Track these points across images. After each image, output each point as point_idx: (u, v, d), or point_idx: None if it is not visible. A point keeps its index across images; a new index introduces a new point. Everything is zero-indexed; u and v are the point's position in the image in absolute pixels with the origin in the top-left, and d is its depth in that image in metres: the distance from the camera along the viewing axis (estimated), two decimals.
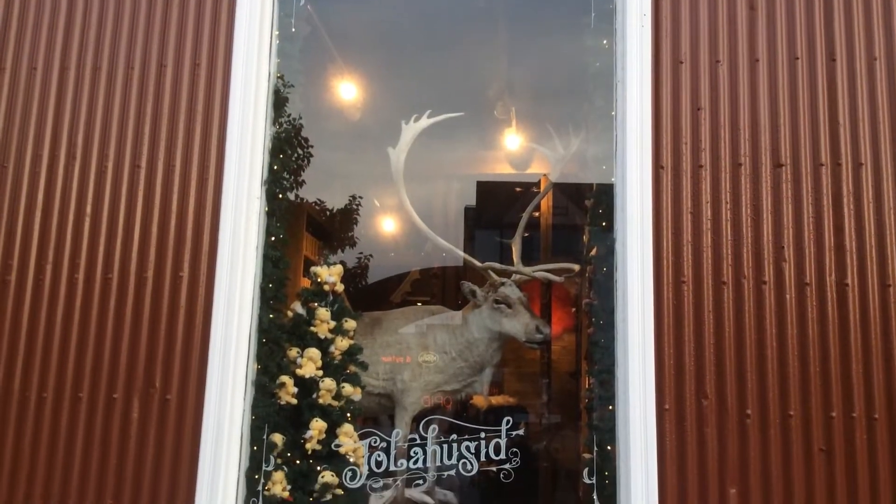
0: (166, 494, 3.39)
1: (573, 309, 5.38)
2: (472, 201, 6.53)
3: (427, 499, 4.00)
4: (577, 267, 4.12)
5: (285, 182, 3.83)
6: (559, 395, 5.62)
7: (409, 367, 4.21)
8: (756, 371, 3.30)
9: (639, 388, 3.31)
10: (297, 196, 4.43)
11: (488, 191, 6.50)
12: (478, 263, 4.19)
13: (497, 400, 4.94)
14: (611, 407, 3.44)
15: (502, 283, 4.12)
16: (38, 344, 3.54)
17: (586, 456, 3.52)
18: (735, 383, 3.29)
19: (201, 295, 3.53)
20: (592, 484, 3.43)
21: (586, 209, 3.88)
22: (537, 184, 5.08)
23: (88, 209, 3.63)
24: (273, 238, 3.71)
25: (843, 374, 3.26)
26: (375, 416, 4.24)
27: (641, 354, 3.33)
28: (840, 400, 3.24)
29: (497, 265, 4.18)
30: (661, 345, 3.34)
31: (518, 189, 5.65)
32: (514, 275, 4.17)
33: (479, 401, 4.77)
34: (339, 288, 3.93)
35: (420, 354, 4.22)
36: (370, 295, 5.97)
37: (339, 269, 3.94)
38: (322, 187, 5.53)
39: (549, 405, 5.53)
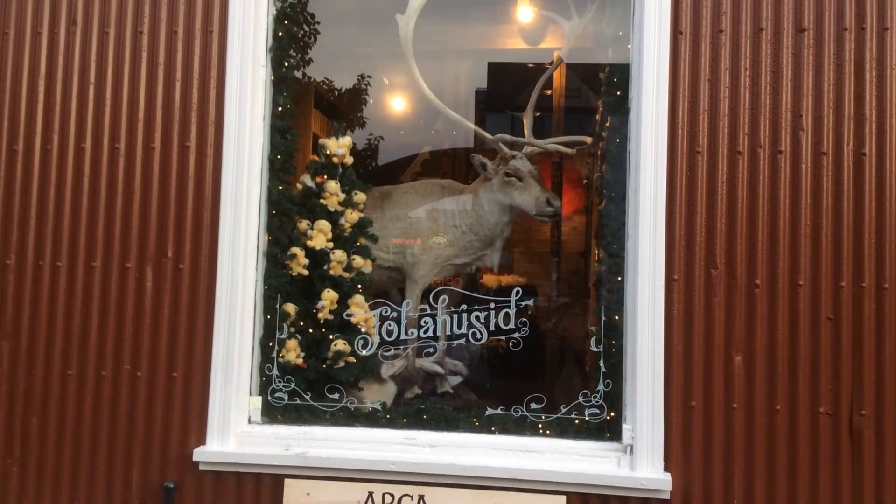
0: (183, 360, 3.48)
1: (584, 186, 5.34)
2: (483, 84, 6.37)
3: (437, 368, 4.09)
4: (589, 139, 4.05)
5: (292, 59, 3.75)
6: (568, 275, 5.65)
7: (420, 241, 4.21)
8: (767, 241, 3.28)
9: (648, 258, 3.32)
10: (304, 75, 4.34)
11: (500, 72, 6.33)
12: (489, 136, 4.11)
13: (507, 279, 4.96)
14: (620, 277, 3.45)
15: (513, 156, 4.05)
16: (49, 212, 3.56)
17: (593, 329, 3.56)
18: (745, 254, 3.29)
19: (209, 165, 3.51)
20: (599, 352, 3.48)
21: (601, 81, 3.78)
22: (550, 62, 4.93)
23: (92, 77, 3.57)
24: (280, 108, 3.65)
25: (856, 243, 3.24)
26: (386, 290, 4.27)
27: (652, 225, 3.32)
28: (850, 269, 3.24)
29: (508, 137, 4.09)
30: (673, 216, 3.32)
31: (530, 66, 5.49)
32: (525, 147, 4.11)
33: (490, 279, 4.80)
34: (348, 160, 3.89)
35: (430, 228, 4.21)
36: (380, 176, 5.91)
37: (347, 140, 3.89)
38: (330, 67, 5.40)
39: (559, 284, 5.57)
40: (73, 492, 3.50)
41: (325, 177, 3.85)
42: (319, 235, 3.76)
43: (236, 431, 3.48)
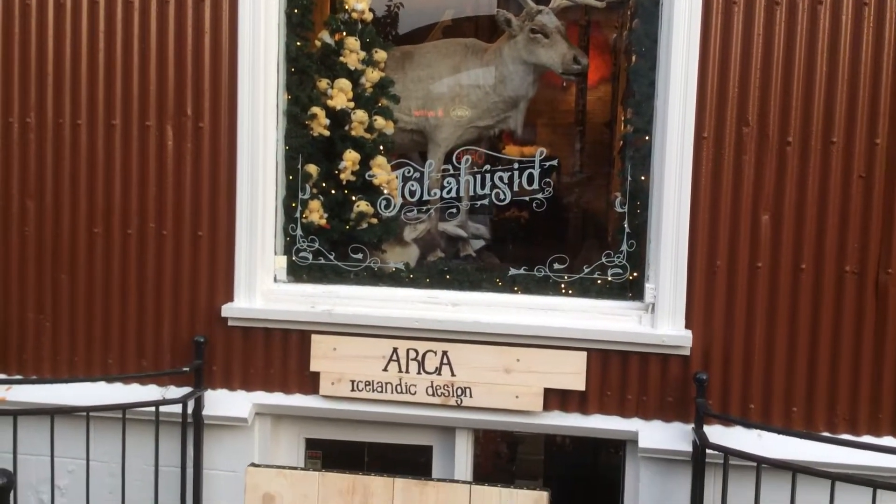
0: (208, 220, 3.50)
1: (611, 53, 5.17)
2: None
3: (460, 231, 4.08)
4: None
5: None
6: (592, 146, 5.56)
7: (442, 102, 4.11)
8: (802, 98, 3.18)
9: (678, 115, 3.23)
10: None
11: None
12: None
13: (530, 150, 4.88)
14: (647, 137, 3.37)
15: (539, 11, 3.88)
16: (66, 70, 3.51)
17: (617, 193, 3.51)
18: (779, 111, 3.19)
19: (225, 19, 3.42)
20: (623, 213, 3.44)
21: None
22: None
23: None
24: None
25: (894, 99, 3.13)
26: (407, 153, 4.21)
27: (683, 81, 3.22)
28: (886, 127, 3.14)
29: None
30: (705, 70, 3.21)
31: None
32: (552, 2, 3.93)
33: (512, 150, 4.72)
34: (368, 16, 3.75)
35: (452, 89, 4.10)
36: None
37: None
38: None
39: (583, 155, 5.49)
40: (105, 347, 3.60)
41: (345, 33, 3.73)
42: (340, 95, 3.68)
43: (263, 290, 3.53)
